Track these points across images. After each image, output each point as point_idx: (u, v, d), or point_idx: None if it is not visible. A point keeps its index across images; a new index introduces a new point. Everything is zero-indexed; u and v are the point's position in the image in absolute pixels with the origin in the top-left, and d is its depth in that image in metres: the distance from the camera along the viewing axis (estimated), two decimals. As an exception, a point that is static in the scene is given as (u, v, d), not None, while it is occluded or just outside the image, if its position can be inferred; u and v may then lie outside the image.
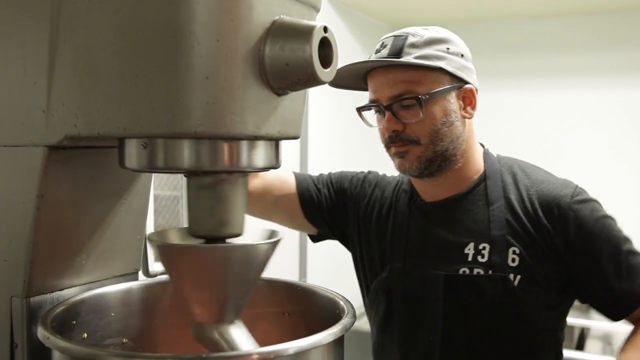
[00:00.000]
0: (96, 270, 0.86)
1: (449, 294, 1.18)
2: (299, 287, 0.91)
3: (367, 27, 3.04)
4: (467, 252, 1.20)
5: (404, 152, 1.19)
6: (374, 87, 1.21)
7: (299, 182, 1.38)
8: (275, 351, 0.63)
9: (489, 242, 1.19)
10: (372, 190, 1.37)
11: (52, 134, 0.71)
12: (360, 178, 1.40)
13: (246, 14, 0.64)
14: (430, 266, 1.22)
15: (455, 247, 1.21)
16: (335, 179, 1.41)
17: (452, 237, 1.22)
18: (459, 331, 1.19)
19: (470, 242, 1.20)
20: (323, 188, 1.39)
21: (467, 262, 1.19)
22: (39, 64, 0.71)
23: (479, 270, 1.17)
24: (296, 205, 1.37)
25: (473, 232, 1.21)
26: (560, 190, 1.19)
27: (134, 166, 0.69)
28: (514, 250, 1.17)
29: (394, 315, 1.26)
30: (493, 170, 1.25)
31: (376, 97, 1.21)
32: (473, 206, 1.23)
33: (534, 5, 2.82)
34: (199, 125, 0.63)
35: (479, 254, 1.19)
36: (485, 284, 1.16)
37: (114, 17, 0.64)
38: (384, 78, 1.19)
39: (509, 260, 1.17)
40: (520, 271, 1.16)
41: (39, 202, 0.75)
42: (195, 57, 0.62)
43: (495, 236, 1.19)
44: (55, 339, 0.66)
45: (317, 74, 0.65)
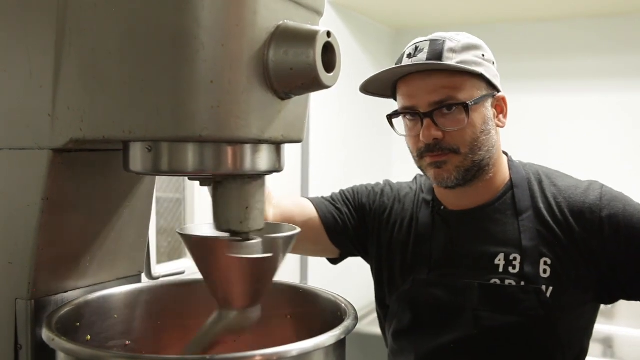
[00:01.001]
0: (100, 272, 0.87)
1: (481, 303, 1.16)
2: (301, 290, 0.92)
3: (370, 31, 3.05)
4: (497, 262, 1.17)
5: (442, 162, 1.15)
6: (409, 92, 1.16)
7: (318, 207, 1.35)
8: (277, 353, 0.64)
9: (520, 253, 1.17)
10: (392, 203, 1.34)
11: (58, 137, 0.72)
12: (378, 192, 1.37)
13: (251, 18, 0.65)
14: (458, 276, 1.19)
15: (485, 257, 1.19)
16: (351, 196, 1.38)
17: (481, 247, 1.20)
18: (489, 341, 1.16)
19: (500, 253, 1.18)
20: (342, 207, 1.36)
21: (497, 272, 1.17)
22: (45, 68, 0.71)
23: (511, 282, 1.15)
24: (320, 230, 1.33)
25: (502, 242, 1.19)
26: (589, 194, 1.18)
27: (139, 169, 0.70)
28: (545, 261, 1.16)
29: (420, 326, 1.23)
30: (519, 178, 1.24)
31: (412, 103, 1.15)
32: (501, 215, 1.21)
33: (538, 9, 2.82)
34: (204, 129, 0.63)
35: (510, 264, 1.17)
36: (518, 294, 1.15)
37: (120, 21, 0.65)
38: (422, 84, 1.15)
39: (541, 271, 1.15)
40: (551, 282, 1.15)
41: (43, 204, 0.75)
42: (200, 62, 0.62)
43: (527, 247, 1.17)
44: (60, 340, 0.66)
45: (321, 78, 0.66)
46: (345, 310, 0.79)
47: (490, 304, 1.16)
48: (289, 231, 0.78)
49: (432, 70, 1.14)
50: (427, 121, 1.13)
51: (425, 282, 1.22)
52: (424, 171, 1.21)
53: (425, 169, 1.19)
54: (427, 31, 1.28)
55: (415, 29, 3.21)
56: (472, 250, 1.20)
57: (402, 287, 1.25)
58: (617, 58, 2.89)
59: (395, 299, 1.27)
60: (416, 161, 1.21)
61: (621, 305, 2.78)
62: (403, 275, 1.26)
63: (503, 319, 1.15)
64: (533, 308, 1.14)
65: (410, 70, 1.16)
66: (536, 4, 2.73)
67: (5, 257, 0.78)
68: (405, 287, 1.24)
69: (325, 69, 0.66)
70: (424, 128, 1.14)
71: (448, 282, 1.20)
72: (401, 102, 1.18)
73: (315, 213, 1.34)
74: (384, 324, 1.37)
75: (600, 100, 2.92)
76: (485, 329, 1.16)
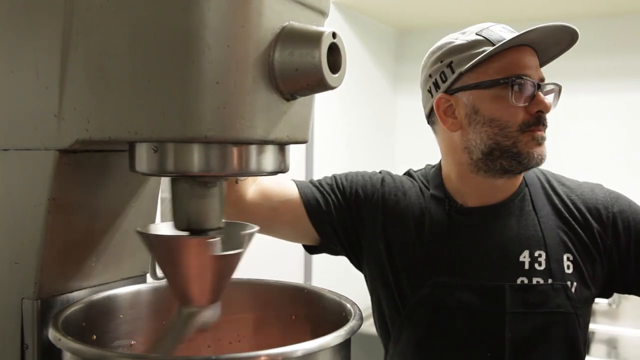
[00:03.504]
0: (105, 272, 0.87)
1: (513, 305, 1.14)
2: (305, 290, 0.92)
3: (374, 31, 3.05)
4: (522, 260, 1.17)
5: (544, 138, 1.15)
6: (525, 63, 1.15)
7: (302, 189, 1.27)
8: (283, 353, 0.64)
9: (545, 250, 1.17)
10: (396, 194, 1.27)
11: (64, 137, 0.72)
12: (377, 181, 1.30)
13: (256, 20, 0.65)
14: (484, 277, 1.16)
15: (509, 255, 1.17)
16: (342, 183, 1.30)
17: (504, 245, 1.18)
18: (524, 344, 1.14)
19: (525, 250, 1.17)
20: (330, 194, 1.28)
21: (524, 270, 1.16)
22: (51, 69, 0.72)
23: (539, 280, 1.15)
24: (300, 212, 1.25)
25: (525, 239, 1.18)
26: (597, 193, 1.23)
27: (144, 170, 0.70)
28: (568, 257, 1.17)
29: (448, 335, 1.17)
30: (531, 177, 1.25)
31: (528, 73, 1.14)
32: (521, 212, 1.21)
33: (539, 9, 2.82)
34: (209, 129, 0.63)
35: (536, 261, 1.16)
36: (548, 292, 1.15)
37: (126, 22, 0.65)
38: (533, 58, 1.17)
39: (565, 267, 1.17)
40: (574, 278, 1.16)
41: (50, 205, 0.75)
42: (206, 63, 0.63)
43: (551, 244, 1.17)
44: (66, 340, 0.67)
45: (326, 79, 0.66)
46: (350, 311, 0.79)
47: (521, 304, 1.14)
48: (249, 229, 0.77)
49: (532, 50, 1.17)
50: (539, 93, 1.15)
51: (449, 285, 1.17)
52: (520, 149, 1.13)
53: (525, 145, 1.13)
54: (432, 31, 1.29)
55: (419, 29, 3.21)
56: (496, 249, 1.18)
57: (419, 292, 1.18)
58: (616, 58, 2.89)
59: (412, 305, 1.19)
60: (509, 138, 1.14)
61: (625, 306, 2.77)
62: (419, 278, 1.19)
63: (535, 320, 1.14)
64: (562, 305, 1.14)
65: None
66: (539, 4, 2.73)
67: (12, 257, 0.78)
68: (424, 291, 1.18)
69: (330, 69, 0.66)
70: (539, 99, 1.14)
71: (475, 284, 1.16)
72: (511, 71, 1.14)
73: (297, 194, 1.26)
74: (388, 332, 1.28)
75: (600, 101, 2.91)
76: (518, 332, 1.13)
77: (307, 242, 1.34)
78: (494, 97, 1.15)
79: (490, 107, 1.15)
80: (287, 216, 1.26)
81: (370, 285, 1.31)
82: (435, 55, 1.22)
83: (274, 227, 1.27)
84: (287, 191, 1.26)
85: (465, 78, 1.17)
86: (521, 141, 1.14)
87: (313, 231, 1.27)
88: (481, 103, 1.16)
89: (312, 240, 1.31)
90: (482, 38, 1.17)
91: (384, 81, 3.13)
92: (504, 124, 1.14)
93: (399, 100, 3.26)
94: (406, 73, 3.24)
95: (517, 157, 1.14)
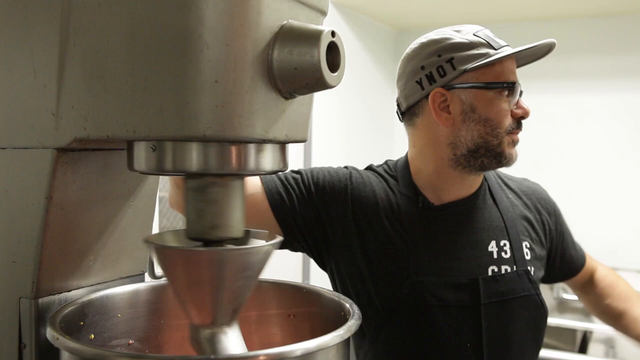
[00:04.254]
0: (103, 271, 0.87)
1: (486, 295, 1.21)
2: (304, 289, 0.92)
3: (373, 31, 3.05)
4: (490, 249, 1.25)
5: (517, 141, 1.24)
6: (513, 69, 1.24)
7: (266, 182, 1.24)
8: (281, 353, 0.64)
9: (508, 239, 1.26)
10: (365, 191, 1.26)
11: (62, 136, 0.72)
12: (344, 177, 1.28)
13: (255, 18, 0.64)
14: (459, 269, 1.22)
15: (480, 246, 1.25)
16: (311, 179, 1.27)
17: (474, 237, 1.25)
18: (500, 330, 1.22)
19: (492, 240, 1.26)
20: (295, 188, 1.25)
21: (493, 260, 1.24)
22: (49, 67, 0.71)
23: (506, 267, 1.24)
24: (264, 208, 1.23)
25: (492, 230, 1.26)
26: (536, 186, 1.41)
27: (143, 169, 0.70)
28: (526, 244, 1.28)
29: (424, 328, 1.20)
30: (487, 174, 1.34)
31: (515, 79, 1.23)
32: (484, 205, 1.29)
33: (538, 9, 2.82)
34: (208, 128, 0.63)
35: (502, 250, 1.25)
36: (514, 279, 1.24)
37: (124, 20, 0.65)
38: (514, 65, 1.24)
39: (525, 253, 1.27)
40: (532, 262, 1.28)
41: (47, 203, 0.75)
42: (205, 61, 0.62)
43: (512, 233, 1.27)
44: (64, 339, 0.66)
45: (325, 78, 0.65)
46: (349, 310, 0.79)
47: (494, 294, 1.21)
48: (269, 239, 0.74)
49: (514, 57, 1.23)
50: (520, 99, 1.23)
51: (427, 283, 1.19)
52: (503, 149, 1.21)
53: (506, 148, 1.22)
54: (429, 31, 1.28)
55: (417, 28, 3.21)
56: (468, 242, 1.24)
57: (399, 291, 1.19)
58: (616, 58, 2.89)
59: (392, 304, 1.20)
60: (497, 138, 1.20)
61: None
62: (397, 277, 1.20)
63: (506, 306, 1.22)
64: (526, 288, 1.25)
65: None
66: (537, 4, 2.73)
67: (9, 256, 0.78)
68: (404, 290, 1.19)
69: (329, 68, 0.66)
70: (522, 104, 1.23)
71: (451, 281, 1.20)
72: (506, 77, 1.22)
73: (260, 188, 1.23)
74: (361, 330, 1.22)
75: (599, 101, 2.92)
76: (493, 319, 1.21)
77: None
78: (492, 99, 1.20)
79: (487, 107, 1.19)
80: (250, 211, 1.23)
81: (340, 284, 1.29)
82: (431, 48, 1.23)
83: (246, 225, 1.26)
84: (251, 185, 1.23)
85: (466, 76, 1.20)
86: (504, 142, 1.21)
87: (277, 226, 1.24)
88: (479, 102, 1.19)
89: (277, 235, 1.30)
90: (482, 40, 1.20)
91: (382, 80, 3.13)
92: (497, 125, 1.20)
93: (397, 100, 3.27)
94: (404, 72, 3.24)
95: (498, 156, 1.22)
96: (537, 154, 2.78)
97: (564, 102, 3.00)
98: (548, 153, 2.90)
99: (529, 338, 1.26)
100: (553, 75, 3.01)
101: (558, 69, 3.00)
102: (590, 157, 2.91)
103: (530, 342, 1.27)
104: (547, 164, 2.83)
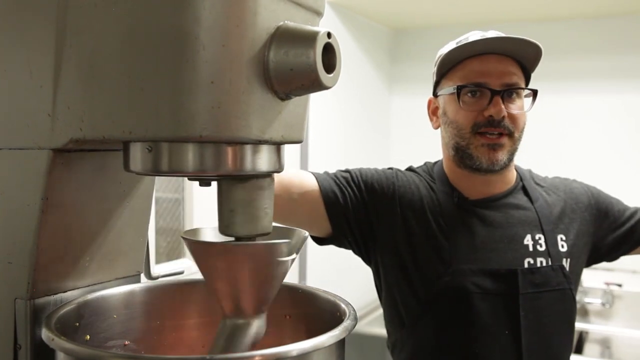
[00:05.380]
0: (99, 272, 0.87)
1: (523, 286, 1.27)
2: (300, 290, 0.92)
3: (369, 31, 3.05)
4: (526, 243, 1.32)
5: (498, 145, 1.25)
6: (483, 70, 1.25)
7: (321, 181, 1.34)
8: (277, 353, 0.64)
9: (542, 233, 1.33)
10: (410, 189, 1.36)
11: (58, 137, 0.72)
12: (391, 176, 1.39)
13: (251, 19, 0.65)
14: (497, 260, 1.29)
15: (515, 239, 1.32)
16: (358, 177, 1.38)
17: (510, 231, 1.33)
18: (536, 320, 1.28)
19: (527, 234, 1.33)
20: (347, 187, 1.35)
21: (529, 252, 1.31)
22: (45, 68, 0.71)
23: (542, 260, 1.31)
24: (318, 204, 1.33)
25: (526, 224, 1.34)
26: (572, 183, 1.46)
27: (139, 169, 0.70)
28: (561, 237, 1.34)
29: (465, 316, 1.28)
30: (524, 174, 1.43)
31: (485, 80, 1.25)
32: (519, 202, 1.37)
33: (536, 10, 2.83)
34: (204, 129, 0.63)
35: (537, 243, 1.32)
36: (549, 273, 1.30)
37: (120, 21, 0.65)
38: (498, 65, 1.26)
39: (560, 247, 1.34)
40: (568, 255, 1.34)
41: (43, 204, 0.75)
42: (201, 62, 0.62)
43: (547, 229, 1.34)
44: (60, 340, 0.66)
45: (321, 79, 0.66)
46: (345, 311, 0.79)
47: (530, 285, 1.28)
48: (298, 235, 0.78)
49: (505, 55, 1.26)
50: (497, 99, 1.24)
51: (468, 271, 1.27)
52: (472, 151, 1.26)
53: (476, 149, 1.26)
54: (427, 32, 1.32)
55: (414, 29, 3.21)
56: (504, 235, 1.32)
57: (442, 279, 1.28)
58: (616, 59, 2.90)
59: (434, 292, 1.29)
60: (464, 139, 1.27)
61: (619, 306, 2.78)
62: (437, 268, 1.29)
63: (541, 298, 1.29)
64: (561, 283, 1.31)
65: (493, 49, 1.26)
66: (535, 4, 2.73)
67: (5, 257, 0.78)
68: (446, 278, 1.28)
69: (325, 69, 0.66)
70: (494, 104, 1.24)
71: (490, 270, 1.27)
72: (469, 78, 1.27)
73: (316, 186, 1.33)
74: (400, 320, 1.36)
75: (599, 101, 2.92)
76: (530, 310, 1.27)
77: (317, 234, 1.40)
78: (453, 102, 1.29)
79: (451, 110, 1.30)
80: (305, 207, 1.34)
81: (383, 276, 1.38)
82: (435, 59, 1.38)
83: (291, 218, 1.33)
84: (307, 184, 1.33)
85: (442, 84, 1.34)
86: (473, 144, 1.26)
87: (327, 223, 1.34)
88: (447, 106, 1.32)
89: (324, 232, 1.38)
90: (453, 49, 1.29)
91: (379, 81, 3.13)
92: (460, 126, 1.28)
93: (393, 101, 3.27)
94: (401, 73, 3.24)
95: (470, 158, 1.28)
96: (537, 154, 2.78)
97: (564, 102, 3.00)
98: (548, 153, 2.90)
99: (563, 330, 1.33)
100: (553, 75, 3.01)
101: (558, 69, 3.00)
102: (590, 158, 2.91)
103: (565, 335, 1.34)
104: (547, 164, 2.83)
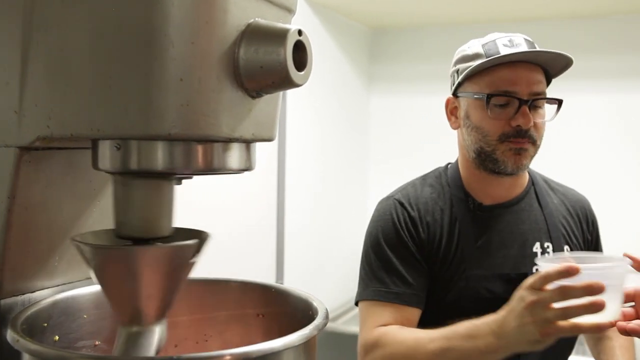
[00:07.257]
0: (69, 272, 0.86)
1: None
2: (273, 289, 0.91)
3: (347, 30, 3.05)
4: (535, 250, 1.35)
5: (524, 149, 1.27)
6: (513, 79, 1.26)
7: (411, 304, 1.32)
8: (246, 353, 0.64)
9: (550, 242, 1.37)
10: (421, 202, 1.37)
11: (24, 134, 0.71)
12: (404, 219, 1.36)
13: (221, 16, 0.64)
14: (508, 265, 1.32)
15: (525, 245, 1.35)
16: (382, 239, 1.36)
17: (520, 238, 1.36)
18: None
19: (537, 242, 1.36)
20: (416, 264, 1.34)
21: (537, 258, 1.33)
22: (11, 65, 0.70)
23: None
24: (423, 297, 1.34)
25: (536, 231, 1.37)
26: (580, 196, 1.48)
27: (108, 168, 0.69)
28: (566, 248, 1.38)
29: None
30: (535, 177, 1.45)
31: (514, 89, 1.26)
32: (530, 208, 1.39)
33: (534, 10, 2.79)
34: (173, 127, 0.63)
35: (545, 251, 1.36)
36: None
37: (88, 18, 0.64)
38: (528, 74, 1.27)
39: None
40: None
41: (10, 203, 0.74)
42: (170, 59, 0.62)
43: (555, 237, 1.37)
44: (25, 341, 0.65)
45: (292, 76, 0.65)
46: (317, 309, 0.79)
47: None
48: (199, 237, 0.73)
49: (534, 64, 1.28)
50: (525, 108, 1.25)
51: (481, 276, 1.30)
52: (497, 156, 1.28)
53: (502, 154, 1.27)
54: (406, 31, 1.32)
55: (392, 28, 3.22)
56: (516, 240, 1.35)
57: (457, 284, 1.31)
58: (616, 58, 2.89)
59: (451, 297, 1.32)
60: (490, 145, 1.28)
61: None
62: (455, 272, 1.32)
63: None
64: None
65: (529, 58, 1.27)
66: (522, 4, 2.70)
67: (-29, 256, 0.76)
68: (461, 283, 1.31)
69: (296, 67, 0.66)
70: (522, 114, 1.25)
71: (502, 275, 1.30)
72: (497, 85, 1.26)
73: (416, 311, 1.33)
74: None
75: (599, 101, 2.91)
76: None
77: None
78: (480, 108, 1.29)
79: (477, 115, 1.30)
80: None
81: None
82: (453, 59, 1.39)
83: None
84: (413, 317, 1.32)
85: (465, 85, 1.33)
86: (499, 149, 1.28)
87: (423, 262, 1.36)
88: (471, 110, 1.32)
89: None
90: (480, 52, 1.30)
91: (358, 80, 3.13)
92: (486, 133, 1.29)
93: (372, 100, 3.27)
94: (380, 72, 3.25)
95: (495, 162, 1.29)
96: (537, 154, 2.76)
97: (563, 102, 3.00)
98: (548, 153, 2.90)
99: None
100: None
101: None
102: (590, 158, 2.90)
103: (567, 339, 1.35)
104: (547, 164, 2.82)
